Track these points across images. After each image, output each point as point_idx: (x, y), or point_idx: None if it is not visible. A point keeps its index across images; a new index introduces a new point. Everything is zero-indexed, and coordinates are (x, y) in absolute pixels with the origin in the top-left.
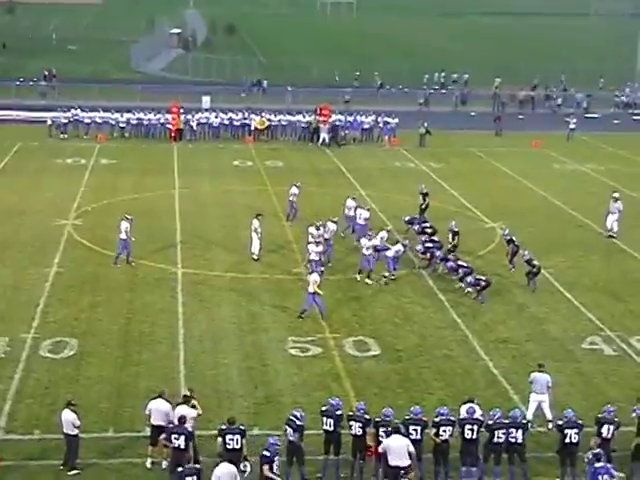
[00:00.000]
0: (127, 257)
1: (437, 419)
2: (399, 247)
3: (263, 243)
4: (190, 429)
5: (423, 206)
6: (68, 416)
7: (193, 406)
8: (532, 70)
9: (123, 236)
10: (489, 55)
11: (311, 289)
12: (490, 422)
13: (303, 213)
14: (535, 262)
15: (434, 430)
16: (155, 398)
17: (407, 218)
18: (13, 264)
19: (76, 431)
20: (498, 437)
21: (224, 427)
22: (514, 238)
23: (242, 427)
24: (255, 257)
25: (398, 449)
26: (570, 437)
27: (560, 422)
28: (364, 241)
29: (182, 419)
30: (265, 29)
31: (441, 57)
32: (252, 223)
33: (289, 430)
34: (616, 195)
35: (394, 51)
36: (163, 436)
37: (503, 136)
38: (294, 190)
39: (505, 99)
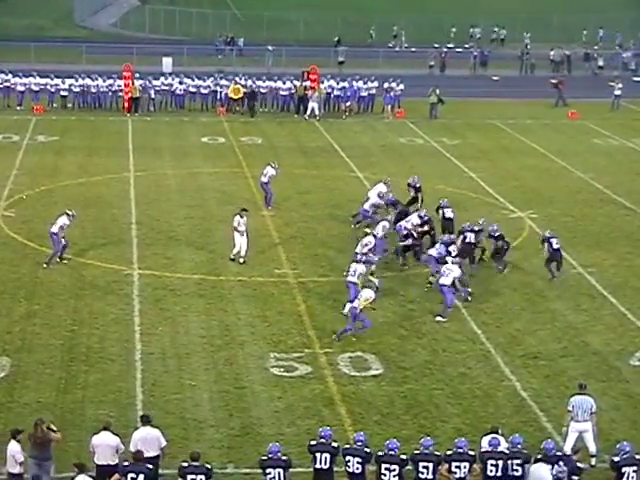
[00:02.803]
0: (52, 256)
1: (452, 453)
2: (384, 224)
3: (248, 244)
4: (150, 466)
5: (412, 199)
6: (14, 448)
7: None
8: (566, 23)
9: (55, 230)
10: (512, 5)
11: (360, 305)
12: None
13: (289, 202)
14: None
15: (446, 466)
16: (98, 432)
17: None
18: None
19: (19, 469)
20: (514, 469)
21: (186, 465)
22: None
23: (208, 466)
24: (241, 260)
25: None
26: (628, 477)
27: (616, 458)
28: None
29: (139, 454)
30: None
31: (455, 7)
32: (233, 220)
33: (275, 472)
34: None
35: (398, 2)
36: (116, 477)
37: (532, 104)
38: (269, 171)
39: (534, 59)
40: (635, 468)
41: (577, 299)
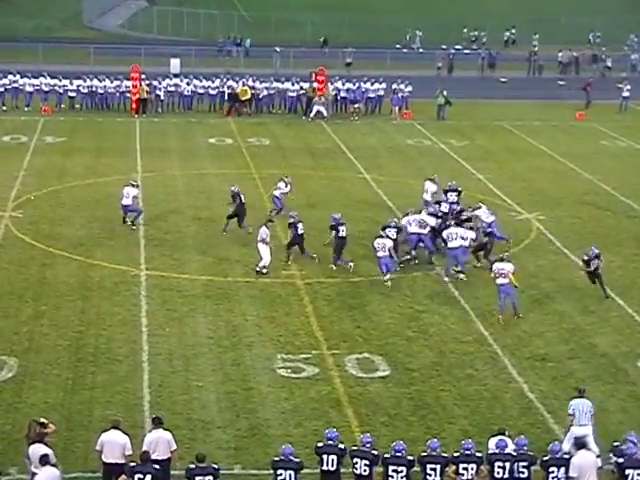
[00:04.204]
0: (132, 218)
1: (459, 454)
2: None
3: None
4: (158, 467)
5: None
6: (39, 450)
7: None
8: (574, 25)
9: (128, 202)
10: (519, 6)
11: (506, 280)
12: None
13: (295, 203)
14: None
15: (453, 467)
16: (108, 430)
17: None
18: None
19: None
20: (520, 472)
21: (193, 467)
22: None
23: (215, 466)
24: (264, 271)
25: (587, 468)
26: (633, 479)
27: (620, 460)
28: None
29: (146, 454)
30: None
31: (462, 9)
32: (259, 232)
33: (286, 474)
34: None
35: (406, 3)
36: (123, 478)
37: (540, 106)
38: (281, 186)
39: (543, 61)
40: None
41: (584, 301)
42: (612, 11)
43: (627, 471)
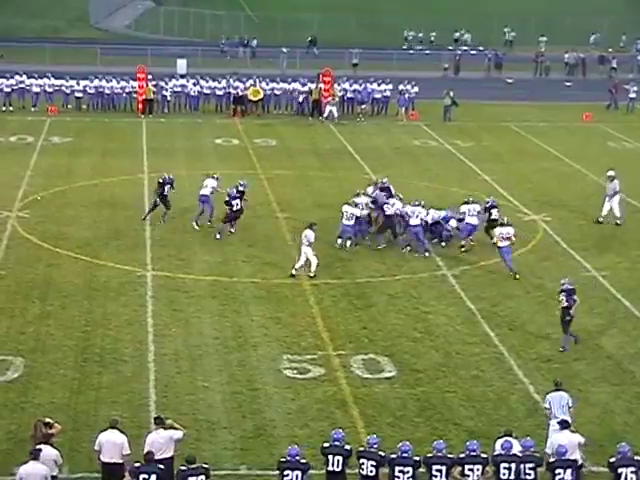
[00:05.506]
0: (209, 218)
1: (465, 455)
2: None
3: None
4: (165, 465)
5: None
6: (49, 452)
7: (172, 427)
8: (580, 25)
9: (207, 192)
10: (527, 7)
11: (508, 242)
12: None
13: (303, 204)
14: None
15: (459, 468)
16: (106, 430)
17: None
18: None
19: (57, 471)
20: (527, 473)
21: (184, 468)
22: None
23: (205, 466)
24: (311, 274)
25: (570, 447)
26: (626, 477)
27: (613, 459)
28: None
29: (150, 454)
30: None
31: (466, 9)
32: (304, 235)
33: (293, 475)
34: (611, 174)
35: (413, 4)
36: (127, 479)
37: (547, 107)
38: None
39: (549, 62)
40: (633, 469)
41: (590, 302)
42: (617, 12)
43: (620, 469)
